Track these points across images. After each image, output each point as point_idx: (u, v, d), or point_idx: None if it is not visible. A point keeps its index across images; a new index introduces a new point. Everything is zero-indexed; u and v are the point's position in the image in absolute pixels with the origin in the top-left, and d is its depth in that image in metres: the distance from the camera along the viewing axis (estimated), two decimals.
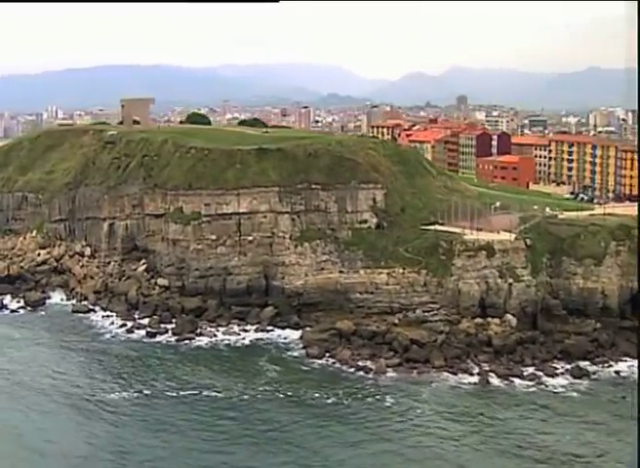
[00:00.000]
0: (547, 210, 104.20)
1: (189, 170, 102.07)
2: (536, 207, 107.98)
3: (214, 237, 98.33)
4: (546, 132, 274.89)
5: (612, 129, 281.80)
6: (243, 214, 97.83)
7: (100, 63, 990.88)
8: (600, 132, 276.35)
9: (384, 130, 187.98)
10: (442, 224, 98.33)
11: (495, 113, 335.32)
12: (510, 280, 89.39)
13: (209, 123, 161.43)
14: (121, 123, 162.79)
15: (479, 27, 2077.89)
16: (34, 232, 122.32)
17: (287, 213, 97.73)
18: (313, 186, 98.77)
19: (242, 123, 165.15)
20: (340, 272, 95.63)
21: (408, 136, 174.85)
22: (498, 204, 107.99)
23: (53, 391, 72.97)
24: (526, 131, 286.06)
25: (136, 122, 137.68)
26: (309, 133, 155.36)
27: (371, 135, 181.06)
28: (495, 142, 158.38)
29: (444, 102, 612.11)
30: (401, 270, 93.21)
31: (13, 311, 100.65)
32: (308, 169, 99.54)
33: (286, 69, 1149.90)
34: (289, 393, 70.85)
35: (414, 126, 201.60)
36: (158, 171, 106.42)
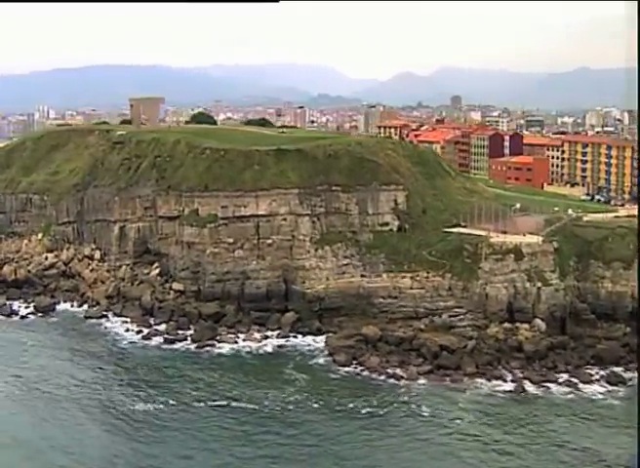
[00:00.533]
0: (570, 211, 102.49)
1: (205, 171, 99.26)
2: (557, 208, 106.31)
3: (231, 240, 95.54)
4: (544, 132, 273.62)
5: (610, 129, 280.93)
6: (262, 216, 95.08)
7: (89, 64, 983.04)
8: (598, 132, 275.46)
9: (392, 130, 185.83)
10: (465, 227, 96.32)
11: (495, 113, 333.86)
12: (539, 284, 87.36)
13: (214, 123, 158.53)
14: (124, 122, 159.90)
15: (468, 27, 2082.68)
16: (40, 235, 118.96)
17: (307, 215, 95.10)
18: (334, 188, 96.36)
19: (249, 123, 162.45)
20: (362, 276, 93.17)
21: (416, 136, 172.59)
22: (518, 205, 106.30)
23: (74, 403, 69.94)
24: (523, 131, 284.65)
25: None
26: (327, 133, 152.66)
27: (379, 135, 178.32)
28: (507, 143, 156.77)
29: (434, 102, 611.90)
30: (425, 274, 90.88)
31: (23, 317, 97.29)
32: (328, 170, 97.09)
33: (275, 69, 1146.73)
34: (321, 402, 68.28)
35: (421, 126, 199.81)
36: (171, 172, 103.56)
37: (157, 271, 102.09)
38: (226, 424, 64.20)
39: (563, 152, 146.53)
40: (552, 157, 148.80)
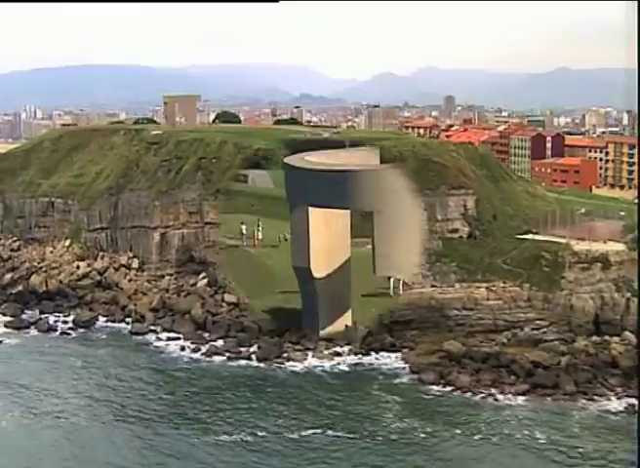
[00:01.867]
0: None
1: None
2: (622, 213, 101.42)
3: None
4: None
5: (616, 129, 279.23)
6: None
7: (70, 63, 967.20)
8: (604, 132, 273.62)
9: (421, 130, 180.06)
10: (536, 233, 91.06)
11: (504, 113, 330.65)
12: (628, 294, 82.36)
13: (239, 122, 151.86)
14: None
15: (448, 28, 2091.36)
16: (68, 242, 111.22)
17: None
18: None
19: (278, 122, 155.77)
20: (433, 286, 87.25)
21: (447, 136, 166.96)
22: (583, 210, 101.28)
23: (166, 428, 62.65)
24: None
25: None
26: (387, 133, 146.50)
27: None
28: (549, 144, 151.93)
29: (418, 102, 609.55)
30: (501, 284, 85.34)
31: (63, 333, 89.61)
32: None
33: (255, 70, 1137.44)
34: (429, 428, 62.03)
35: (451, 126, 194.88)
36: (219, 175, 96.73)
37: (205, 281, 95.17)
38: (337, 458, 57.51)
39: (607, 153, 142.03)
40: (595, 158, 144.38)
